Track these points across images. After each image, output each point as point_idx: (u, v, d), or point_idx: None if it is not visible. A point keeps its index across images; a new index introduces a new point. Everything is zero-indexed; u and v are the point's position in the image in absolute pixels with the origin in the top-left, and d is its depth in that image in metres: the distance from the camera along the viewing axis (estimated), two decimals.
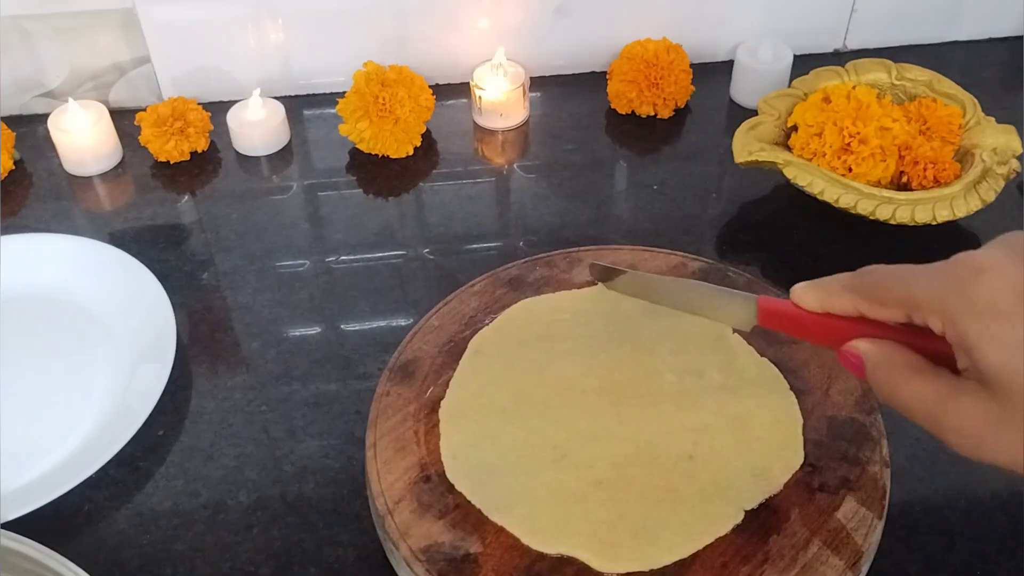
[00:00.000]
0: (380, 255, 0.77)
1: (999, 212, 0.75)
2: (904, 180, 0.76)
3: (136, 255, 0.73)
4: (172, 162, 0.85)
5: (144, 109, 0.85)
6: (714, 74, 0.93)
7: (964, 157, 0.76)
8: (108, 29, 0.87)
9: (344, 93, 0.85)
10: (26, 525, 0.57)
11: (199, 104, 0.87)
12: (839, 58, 0.93)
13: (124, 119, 0.88)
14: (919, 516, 0.59)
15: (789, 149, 0.78)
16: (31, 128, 0.88)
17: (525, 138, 0.88)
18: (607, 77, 0.90)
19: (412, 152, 0.85)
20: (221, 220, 0.81)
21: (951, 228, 0.75)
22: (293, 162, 0.86)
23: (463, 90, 0.90)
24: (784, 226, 0.79)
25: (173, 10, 0.86)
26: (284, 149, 0.87)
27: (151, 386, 0.65)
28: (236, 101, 0.87)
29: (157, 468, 0.63)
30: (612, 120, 0.90)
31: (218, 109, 0.87)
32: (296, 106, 0.91)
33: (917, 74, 0.82)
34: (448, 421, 0.59)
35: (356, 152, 0.86)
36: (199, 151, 0.86)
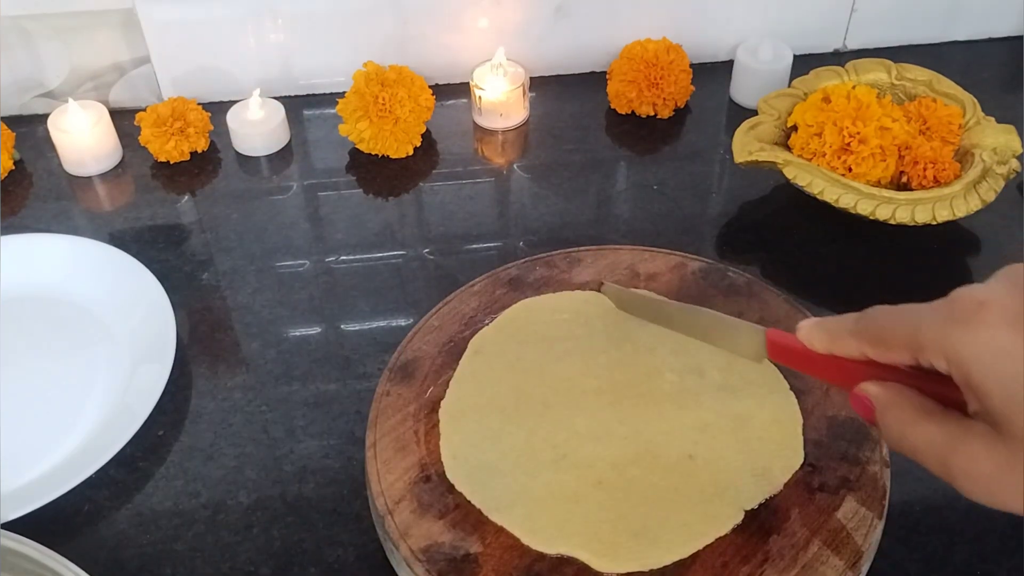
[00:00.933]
0: (380, 255, 0.77)
1: (999, 212, 0.75)
2: (904, 180, 0.76)
3: (136, 255, 0.73)
4: (172, 162, 0.85)
5: (144, 109, 0.85)
6: (714, 74, 0.93)
7: (964, 157, 0.76)
8: (108, 29, 0.87)
9: (344, 93, 0.85)
10: (26, 525, 0.57)
11: (199, 104, 0.87)
12: (839, 58, 0.93)
13: (124, 119, 0.88)
14: (919, 516, 0.59)
15: (789, 149, 0.78)
16: (31, 128, 0.88)
17: (525, 138, 0.88)
18: (607, 77, 0.90)
19: (412, 152, 0.85)
20: (221, 220, 0.81)
21: (951, 228, 0.75)
22: (293, 162, 0.86)
23: (463, 90, 0.90)
24: (784, 226, 0.79)
25: (173, 10, 0.86)
26: (284, 149, 0.87)
27: (151, 386, 0.65)
28: (236, 101, 0.87)
29: (157, 468, 0.63)
30: (612, 120, 0.90)
31: (218, 109, 0.87)
32: (296, 106, 0.91)
33: (917, 74, 0.81)
34: (448, 421, 0.59)
35: (356, 152, 0.86)
36: (199, 151, 0.86)
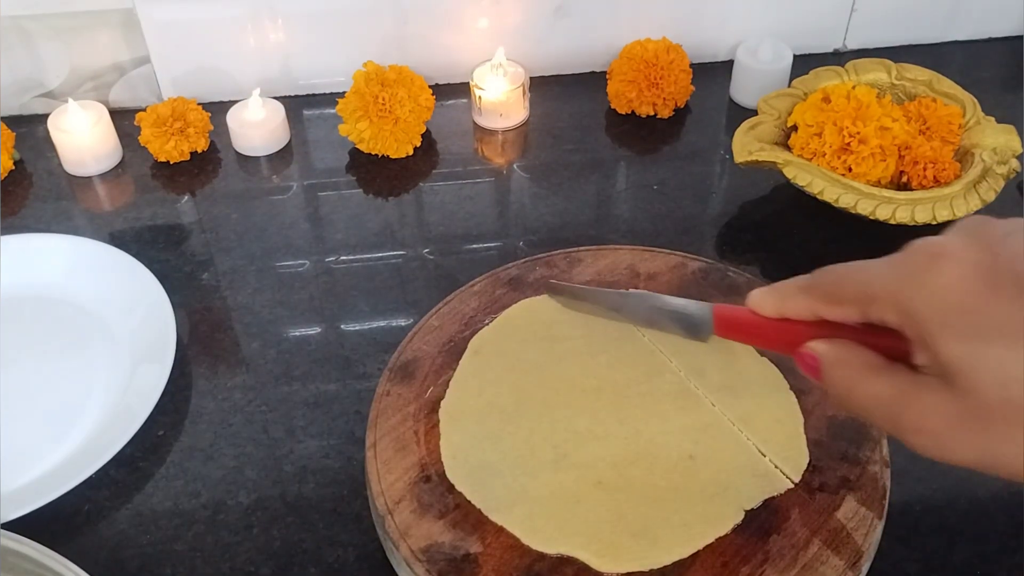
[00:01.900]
0: (380, 255, 0.77)
1: (999, 212, 0.74)
2: (904, 180, 0.76)
3: (136, 255, 0.73)
4: (172, 162, 0.85)
5: (144, 109, 0.85)
6: (714, 74, 0.93)
7: (964, 157, 0.76)
8: (108, 29, 0.87)
9: (344, 93, 0.85)
10: (26, 525, 0.57)
11: (199, 104, 0.87)
12: (839, 58, 0.93)
13: (124, 119, 0.88)
14: (919, 516, 0.59)
15: (789, 149, 0.78)
16: (31, 128, 0.88)
17: (525, 138, 0.88)
18: (607, 77, 0.90)
19: (412, 152, 0.85)
20: (221, 220, 0.81)
21: None
22: (293, 162, 0.86)
23: (463, 90, 0.90)
24: (784, 226, 0.79)
25: (173, 10, 0.86)
26: (284, 149, 0.87)
27: (151, 386, 0.65)
28: (236, 101, 0.87)
29: (157, 468, 0.63)
30: (612, 120, 0.90)
31: (218, 109, 0.87)
32: (296, 106, 0.91)
33: (917, 74, 0.81)
34: (448, 421, 0.59)
35: (356, 152, 0.86)
36: (199, 151, 0.86)
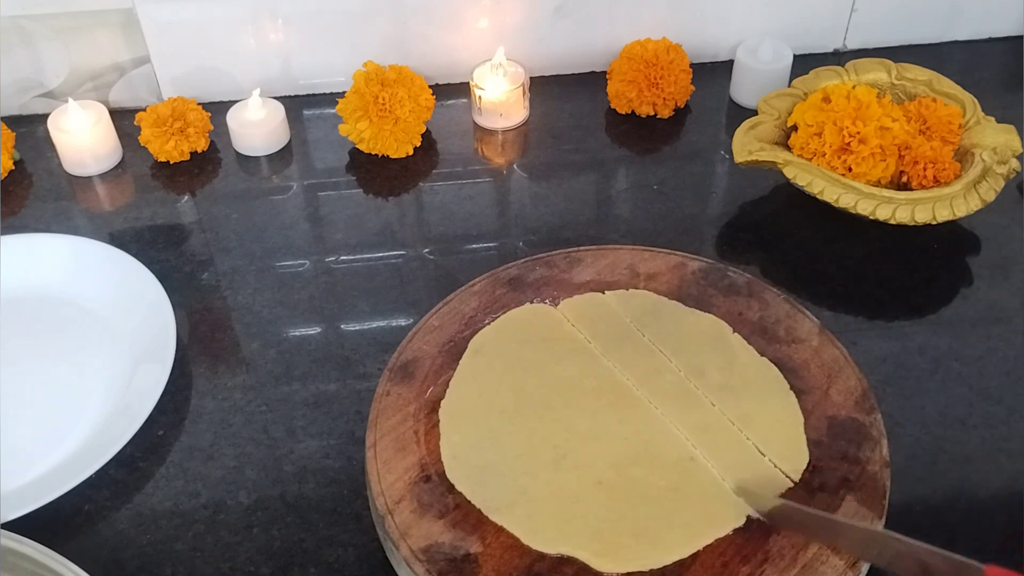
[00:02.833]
0: (380, 255, 0.77)
1: (999, 212, 0.75)
2: (904, 180, 0.76)
3: (136, 255, 0.73)
4: (172, 162, 0.85)
5: (144, 109, 0.85)
6: (714, 74, 0.93)
7: (964, 157, 0.76)
8: (108, 29, 0.87)
9: (344, 93, 0.85)
10: (26, 525, 0.57)
11: (199, 104, 0.87)
12: (839, 58, 0.93)
13: (124, 119, 0.88)
14: (919, 516, 0.59)
15: (789, 149, 0.78)
16: (31, 128, 0.88)
17: (525, 138, 0.88)
18: (607, 77, 0.90)
19: (412, 152, 0.85)
20: (221, 220, 0.81)
21: (951, 228, 0.75)
22: (293, 162, 0.86)
23: (463, 90, 0.90)
24: (784, 226, 0.79)
25: (173, 10, 0.86)
26: (284, 149, 0.87)
27: (151, 386, 0.65)
28: (236, 101, 0.87)
29: (157, 468, 0.63)
30: (612, 120, 0.90)
31: (218, 109, 0.87)
32: (296, 106, 0.91)
33: (917, 74, 0.81)
34: (448, 421, 0.59)
35: (356, 152, 0.86)
36: (199, 151, 0.86)
